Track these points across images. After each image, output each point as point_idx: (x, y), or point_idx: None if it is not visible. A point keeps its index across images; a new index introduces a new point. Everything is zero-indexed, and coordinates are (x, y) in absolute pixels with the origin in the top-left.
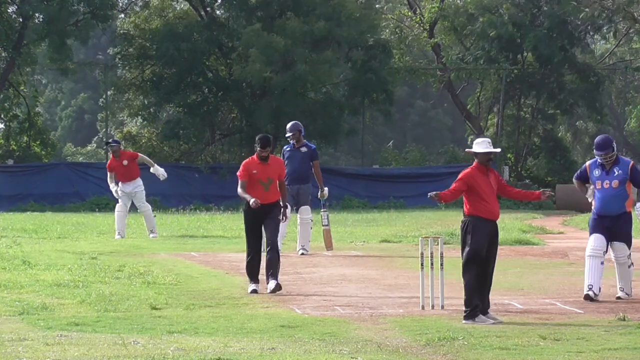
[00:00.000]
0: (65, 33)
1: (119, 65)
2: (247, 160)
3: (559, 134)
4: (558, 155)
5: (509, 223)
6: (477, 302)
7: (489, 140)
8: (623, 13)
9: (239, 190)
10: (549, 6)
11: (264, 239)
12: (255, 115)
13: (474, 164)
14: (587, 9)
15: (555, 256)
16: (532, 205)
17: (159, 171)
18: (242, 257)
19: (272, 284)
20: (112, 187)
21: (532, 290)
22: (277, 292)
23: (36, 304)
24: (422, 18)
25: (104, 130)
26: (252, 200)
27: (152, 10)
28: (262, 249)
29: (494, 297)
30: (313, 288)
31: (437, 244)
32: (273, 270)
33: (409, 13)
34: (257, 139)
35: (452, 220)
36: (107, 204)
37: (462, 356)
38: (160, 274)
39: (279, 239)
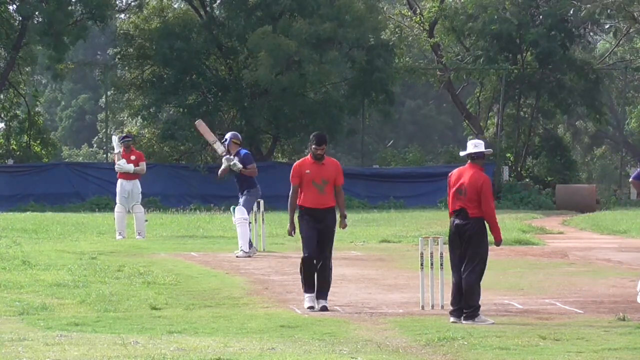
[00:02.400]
0: (64, 33)
1: (119, 65)
2: (299, 161)
3: (559, 133)
4: (558, 155)
5: (509, 223)
6: (478, 303)
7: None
8: (623, 12)
9: (289, 202)
10: (548, 5)
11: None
12: (255, 115)
13: (469, 164)
14: (588, 5)
15: (555, 256)
16: (532, 205)
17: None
18: (242, 257)
19: (320, 303)
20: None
21: (532, 290)
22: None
23: (36, 304)
24: (422, 18)
25: (104, 130)
26: (288, 227)
27: (152, 11)
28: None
29: (494, 297)
30: None
31: (437, 244)
32: (323, 288)
33: (409, 13)
34: (312, 136)
35: None
36: (107, 204)
37: (462, 356)
38: (160, 274)
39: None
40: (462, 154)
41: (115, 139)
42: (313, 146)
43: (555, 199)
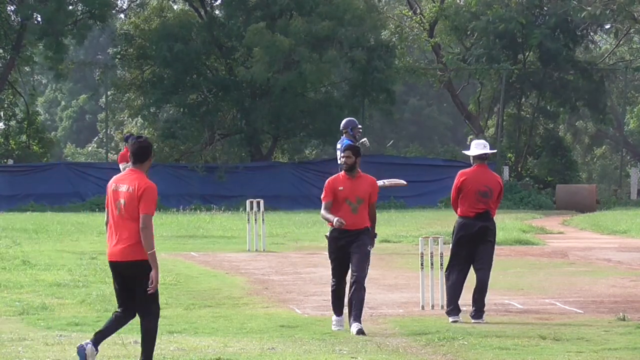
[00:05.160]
0: (63, 33)
1: (119, 65)
2: (332, 177)
3: (560, 133)
4: (559, 155)
5: (509, 223)
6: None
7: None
8: (624, 13)
9: (322, 212)
10: (550, 5)
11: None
12: (255, 115)
13: (479, 165)
14: (589, 8)
15: (555, 256)
16: (532, 205)
17: None
18: (242, 257)
19: (354, 328)
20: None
21: (532, 290)
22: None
23: (36, 304)
24: (422, 18)
25: (104, 130)
26: (335, 220)
27: (152, 11)
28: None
29: (494, 297)
30: (313, 288)
31: (437, 244)
32: (356, 311)
33: (409, 13)
34: (344, 148)
35: (452, 220)
36: None
37: (462, 356)
38: (160, 274)
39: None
40: (469, 153)
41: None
42: (343, 155)
43: (555, 199)
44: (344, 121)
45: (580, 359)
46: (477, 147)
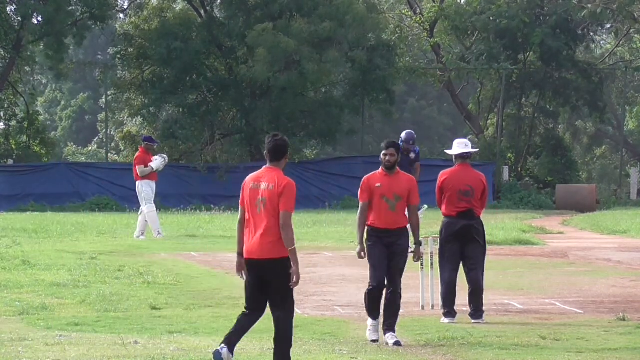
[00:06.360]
0: (63, 33)
1: (119, 65)
2: (368, 175)
3: (560, 133)
4: (559, 155)
5: (509, 223)
6: None
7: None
8: (624, 13)
9: (358, 216)
10: (550, 4)
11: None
12: (255, 115)
13: (461, 164)
14: (589, 6)
15: (555, 256)
16: (532, 205)
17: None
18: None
19: (390, 338)
20: (155, 162)
21: (532, 290)
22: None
23: (36, 304)
24: (422, 18)
25: (104, 130)
26: (357, 250)
27: (152, 11)
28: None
29: (494, 297)
30: (313, 288)
31: (437, 244)
32: (392, 319)
33: (409, 13)
34: (382, 144)
35: None
36: (107, 204)
37: (462, 356)
38: (160, 274)
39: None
40: (450, 152)
41: (162, 161)
42: (383, 152)
43: (555, 199)
44: (409, 134)
45: (580, 359)
46: (459, 146)
